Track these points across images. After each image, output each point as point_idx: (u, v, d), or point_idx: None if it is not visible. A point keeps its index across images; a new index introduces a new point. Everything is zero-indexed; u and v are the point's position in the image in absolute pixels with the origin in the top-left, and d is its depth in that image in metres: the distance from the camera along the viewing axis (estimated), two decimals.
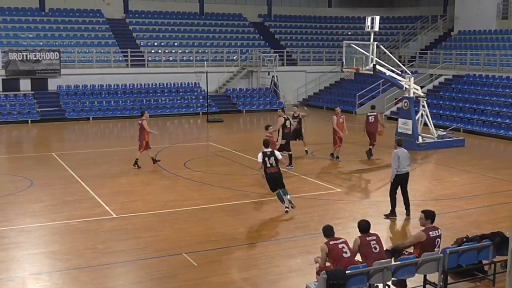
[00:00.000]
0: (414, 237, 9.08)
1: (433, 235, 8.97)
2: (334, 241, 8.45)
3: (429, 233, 8.96)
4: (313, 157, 20.18)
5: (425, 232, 8.97)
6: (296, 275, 9.83)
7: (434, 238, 8.97)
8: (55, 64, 31.07)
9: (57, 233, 12.00)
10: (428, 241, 8.90)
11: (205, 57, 35.08)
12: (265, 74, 35.48)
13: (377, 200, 14.73)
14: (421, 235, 8.96)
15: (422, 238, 8.92)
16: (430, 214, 9.16)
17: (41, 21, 34.77)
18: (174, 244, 11.30)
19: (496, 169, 18.25)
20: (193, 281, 9.58)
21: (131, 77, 32.93)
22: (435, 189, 15.94)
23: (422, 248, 8.87)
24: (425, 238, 8.90)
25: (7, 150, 22.66)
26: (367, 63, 20.92)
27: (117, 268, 10.32)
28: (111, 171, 17.66)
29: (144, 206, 13.96)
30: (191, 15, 39.62)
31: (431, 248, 8.88)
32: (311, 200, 14.56)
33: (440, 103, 28.99)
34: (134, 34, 36.43)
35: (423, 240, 8.90)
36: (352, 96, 33.91)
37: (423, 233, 8.97)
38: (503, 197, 14.94)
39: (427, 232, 8.97)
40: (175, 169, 17.91)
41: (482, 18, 34.61)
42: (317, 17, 43.51)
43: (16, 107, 29.24)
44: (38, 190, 15.38)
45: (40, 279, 9.72)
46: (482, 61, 30.99)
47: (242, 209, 13.67)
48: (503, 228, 10.45)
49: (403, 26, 41.17)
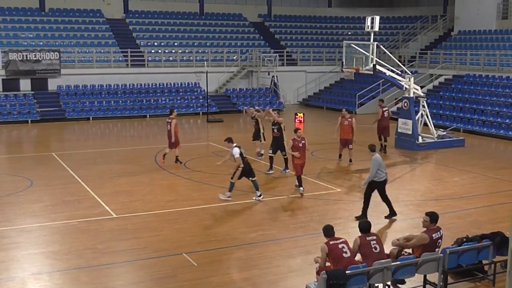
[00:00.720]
0: (418, 239, 9.01)
1: (435, 237, 8.97)
2: (334, 241, 8.45)
3: (432, 236, 8.94)
4: (313, 157, 20.15)
5: (428, 234, 8.95)
6: (296, 275, 9.83)
7: (437, 239, 8.98)
8: (55, 64, 31.07)
9: (57, 233, 12.00)
10: (431, 243, 8.91)
11: (205, 57, 35.08)
12: (265, 74, 35.48)
13: (377, 200, 14.70)
14: (425, 238, 8.93)
15: (425, 240, 8.90)
16: (435, 217, 9.13)
17: (41, 21, 34.77)
18: (174, 244, 11.30)
19: (496, 169, 18.25)
20: (193, 281, 9.59)
21: (131, 77, 32.93)
22: (435, 189, 15.93)
23: (423, 249, 8.86)
24: (428, 241, 8.89)
25: (7, 150, 22.66)
26: (367, 63, 20.92)
27: (117, 268, 10.32)
28: (111, 171, 17.66)
29: (144, 206, 13.96)
30: (191, 15, 39.62)
31: (432, 249, 8.88)
32: (311, 200, 14.56)
33: (440, 103, 29.00)
34: (134, 34, 36.43)
35: (426, 243, 8.89)
36: (352, 96, 33.90)
37: (426, 235, 8.94)
38: (503, 197, 14.94)
39: (430, 234, 8.94)
40: (175, 169, 17.91)
41: (482, 18, 34.61)
42: (317, 17, 43.51)
43: (16, 107, 29.23)
44: (38, 190, 15.38)
45: (40, 279, 9.72)
46: (482, 61, 30.99)
47: (242, 209, 13.67)
48: (503, 228, 10.46)
49: (403, 26, 41.17)
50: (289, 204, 14.00)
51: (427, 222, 9.11)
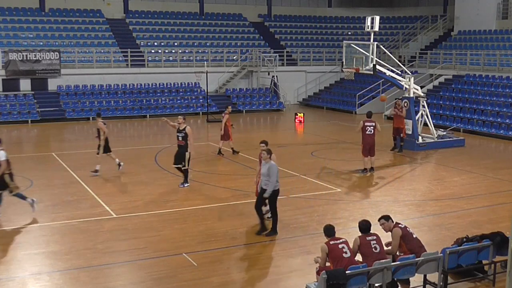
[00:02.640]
0: (394, 238, 9.00)
1: (402, 226, 9.04)
2: (335, 241, 8.46)
3: (398, 225, 9.01)
4: (313, 157, 20.17)
5: (396, 227, 9.01)
6: (296, 275, 9.83)
7: (405, 227, 9.03)
8: (55, 64, 31.08)
9: (57, 233, 12.00)
10: (405, 232, 8.94)
11: (205, 57, 35.09)
12: (265, 74, 35.49)
13: (377, 200, 14.74)
14: (397, 231, 8.96)
15: (399, 233, 8.94)
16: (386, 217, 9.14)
17: (41, 21, 34.77)
18: (174, 244, 11.30)
19: (496, 169, 18.25)
20: (193, 281, 9.58)
21: (131, 77, 32.95)
22: (435, 189, 15.93)
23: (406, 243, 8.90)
24: (401, 232, 8.93)
25: (7, 150, 22.49)
26: (367, 63, 20.92)
27: (117, 268, 10.32)
28: (111, 171, 17.66)
29: (144, 206, 13.96)
30: (191, 15, 39.62)
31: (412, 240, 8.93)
32: (311, 200, 14.56)
33: (440, 103, 29.00)
34: (134, 34, 36.43)
35: (401, 234, 8.92)
36: (352, 96, 33.92)
37: (397, 228, 8.99)
38: (503, 197, 14.95)
39: (396, 226, 9.03)
40: (175, 169, 17.89)
41: (482, 18, 34.63)
42: (317, 17, 43.50)
43: (16, 107, 29.24)
44: (38, 190, 15.37)
45: (40, 279, 9.72)
46: (482, 61, 30.99)
47: (242, 209, 13.67)
48: (503, 228, 10.46)
49: (403, 26, 41.18)
50: (289, 204, 13.99)
51: (386, 223, 9.09)
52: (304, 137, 26.20)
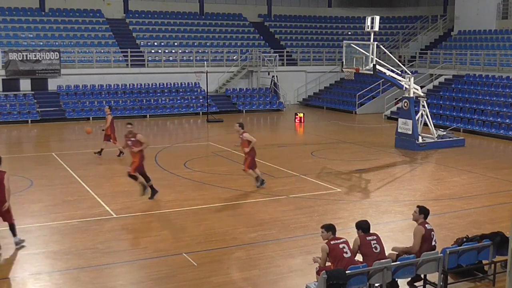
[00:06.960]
0: (415, 235, 9.04)
1: (428, 227, 9.09)
2: (335, 241, 8.45)
3: (425, 226, 9.06)
4: (313, 157, 20.17)
5: (421, 226, 9.06)
6: (296, 275, 9.83)
7: (430, 230, 9.09)
8: (55, 64, 31.07)
9: (57, 233, 12.00)
10: (427, 234, 8.98)
11: (205, 57, 35.08)
12: (265, 74, 35.48)
13: (377, 200, 14.73)
14: (420, 229, 9.03)
15: (422, 231, 9.00)
16: (423, 210, 9.23)
17: (41, 21, 34.76)
18: (174, 244, 11.29)
19: (496, 169, 18.24)
20: (193, 281, 9.58)
21: (131, 77, 32.93)
22: (435, 189, 15.93)
23: (422, 242, 8.94)
24: (424, 231, 8.98)
25: (7, 150, 22.61)
26: (367, 63, 20.93)
27: (117, 268, 10.32)
28: (111, 171, 17.66)
29: (144, 206, 13.96)
30: (191, 15, 39.62)
31: (429, 241, 8.97)
32: (311, 200, 14.56)
33: (440, 103, 28.99)
34: (134, 34, 36.43)
35: (423, 234, 8.96)
36: (352, 96, 33.91)
37: (420, 226, 9.05)
38: (503, 197, 14.94)
39: (423, 225, 9.07)
40: (175, 169, 17.91)
41: (482, 18, 34.62)
42: (317, 17, 43.50)
43: (16, 107, 29.24)
44: (38, 190, 15.38)
45: (40, 279, 9.71)
46: (482, 61, 30.98)
47: (242, 209, 13.67)
48: (503, 228, 10.46)
49: (403, 26, 41.17)
50: (289, 204, 14.00)
51: (416, 214, 9.22)
52: (304, 137, 26.20)
